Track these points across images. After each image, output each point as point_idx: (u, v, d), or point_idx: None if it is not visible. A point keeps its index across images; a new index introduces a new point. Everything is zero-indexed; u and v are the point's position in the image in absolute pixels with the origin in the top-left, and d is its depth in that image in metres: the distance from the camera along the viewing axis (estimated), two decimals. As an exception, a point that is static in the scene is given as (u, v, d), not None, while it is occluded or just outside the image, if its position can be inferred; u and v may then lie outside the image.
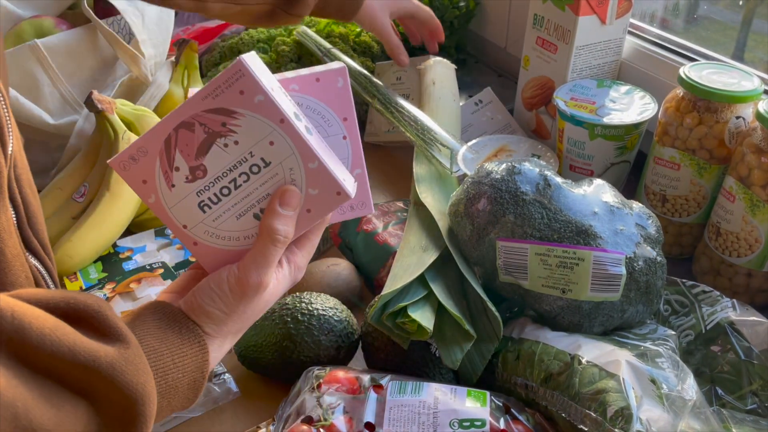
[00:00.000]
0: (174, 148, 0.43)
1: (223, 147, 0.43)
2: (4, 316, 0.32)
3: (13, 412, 0.31)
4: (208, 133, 0.42)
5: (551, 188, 0.63)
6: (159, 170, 0.43)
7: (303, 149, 0.44)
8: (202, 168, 0.43)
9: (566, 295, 0.61)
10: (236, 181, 0.44)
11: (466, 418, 0.54)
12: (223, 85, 0.41)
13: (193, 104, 0.42)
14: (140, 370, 0.37)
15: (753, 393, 0.60)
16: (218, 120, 0.42)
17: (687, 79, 0.73)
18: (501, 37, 1.17)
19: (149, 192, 0.44)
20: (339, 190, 0.45)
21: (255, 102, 0.42)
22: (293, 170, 0.44)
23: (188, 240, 0.46)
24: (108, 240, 0.81)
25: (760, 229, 0.69)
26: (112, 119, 0.84)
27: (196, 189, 0.44)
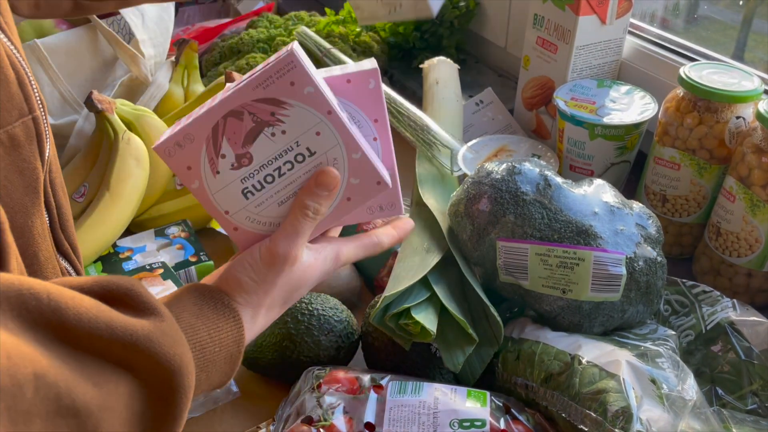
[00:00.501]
0: (221, 135, 0.43)
1: (270, 136, 0.43)
2: (41, 298, 0.32)
3: (56, 392, 0.31)
4: (257, 122, 0.43)
5: (551, 188, 0.63)
6: (205, 157, 0.44)
7: (348, 140, 0.44)
8: (248, 156, 0.44)
9: (566, 295, 0.61)
10: (281, 169, 0.45)
11: (466, 418, 0.54)
12: (274, 75, 0.42)
13: (244, 93, 0.42)
14: (177, 341, 0.38)
15: (753, 393, 0.60)
16: (267, 110, 0.43)
17: (687, 79, 0.73)
18: (501, 37, 1.17)
19: (193, 178, 0.44)
20: (379, 179, 0.46)
21: (304, 93, 0.42)
22: (337, 160, 0.45)
23: (229, 225, 0.46)
24: (108, 240, 0.81)
25: (761, 229, 0.69)
26: (112, 119, 0.84)
27: (240, 176, 0.44)
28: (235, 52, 1.15)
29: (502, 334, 0.62)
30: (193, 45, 1.06)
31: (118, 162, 0.82)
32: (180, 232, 0.86)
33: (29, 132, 0.43)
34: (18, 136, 0.42)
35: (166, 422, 0.38)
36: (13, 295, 0.31)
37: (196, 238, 0.85)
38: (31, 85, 0.44)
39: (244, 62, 1.09)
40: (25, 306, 0.31)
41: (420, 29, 1.19)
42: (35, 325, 0.32)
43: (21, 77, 0.42)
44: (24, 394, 0.29)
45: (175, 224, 0.87)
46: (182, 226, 0.87)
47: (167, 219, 0.89)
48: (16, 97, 0.42)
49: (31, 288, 0.32)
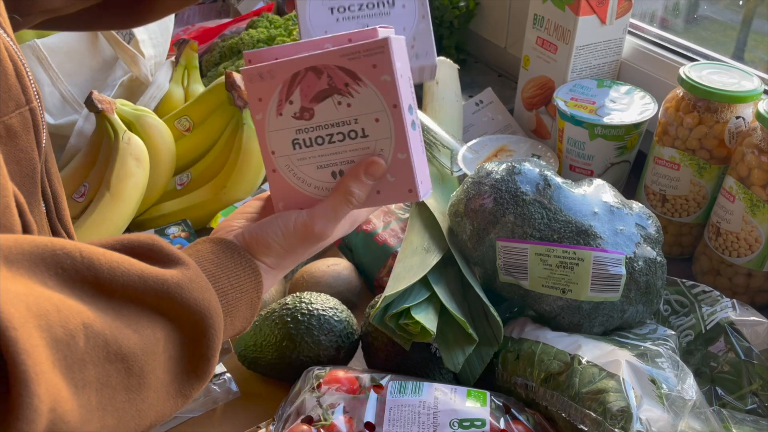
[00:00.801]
0: (297, 84, 0.46)
1: (336, 103, 0.46)
2: (74, 256, 0.34)
3: (104, 339, 0.33)
4: (330, 86, 0.46)
5: (551, 188, 0.63)
6: (277, 96, 0.47)
7: (400, 139, 0.46)
8: (311, 112, 0.47)
9: (566, 295, 0.61)
10: (333, 137, 0.47)
11: (466, 418, 0.54)
12: (362, 51, 0.44)
13: (331, 57, 0.45)
14: (203, 288, 0.41)
15: (753, 393, 0.60)
16: (344, 79, 0.45)
17: (687, 79, 0.73)
18: (501, 37, 1.17)
19: (259, 110, 0.48)
20: (412, 187, 0.48)
21: (381, 79, 0.45)
22: (383, 151, 0.47)
23: (270, 164, 0.49)
24: (108, 240, 0.81)
25: (760, 229, 0.69)
26: (112, 119, 0.84)
27: (297, 126, 0.47)
28: (235, 52, 1.15)
29: (502, 334, 0.62)
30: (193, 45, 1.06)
31: (118, 162, 0.82)
32: (180, 232, 0.86)
33: (26, 122, 0.44)
34: (15, 127, 0.43)
35: (200, 362, 0.40)
36: (48, 256, 0.33)
37: (196, 238, 0.85)
38: (28, 76, 0.44)
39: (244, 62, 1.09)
40: (61, 265, 0.33)
41: (420, 29, 1.19)
42: (73, 281, 0.34)
43: (18, 68, 0.43)
44: (77, 343, 0.32)
45: (175, 224, 0.87)
46: (182, 226, 0.87)
47: (167, 219, 0.89)
48: (13, 89, 0.42)
49: (63, 248, 0.34)
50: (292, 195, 0.49)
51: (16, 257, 0.32)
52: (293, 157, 0.48)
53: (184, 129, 0.95)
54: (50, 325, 0.30)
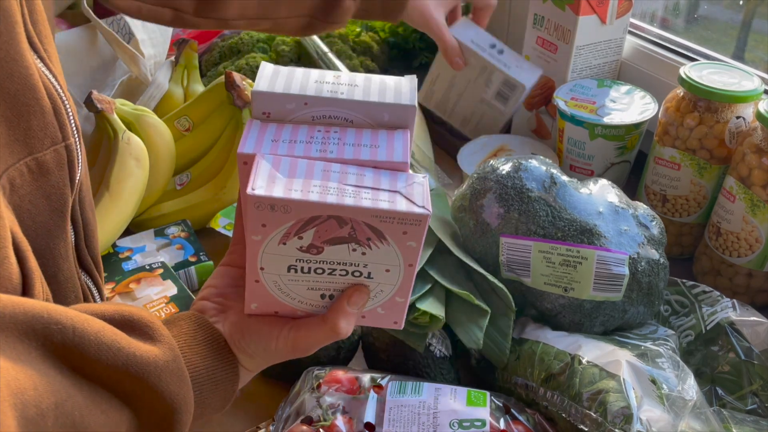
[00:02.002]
0: (314, 225, 0.42)
1: (351, 249, 0.43)
2: (65, 332, 0.34)
3: (71, 420, 0.34)
4: (350, 236, 0.42)
5: (557, 186, 0.63)
6: (285, 229, 0.42)
7: (404, 288, 0.45)
8: (320, 250, 0.43)
9: (568, 293, 0.61)
10: (335, 271, 0.44)
11: (466, 418, 0.54)
12: (397, 218, 0.41)
13: (362, 213, 0.41)
14: (183, 381, 0.40)
15: (753, 393, 0.60)
16: (367, 234, 0.42)
17: (687, 79, 0.73)
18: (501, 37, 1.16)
19: (259, 233, 0.43)
20: (398, 320, 0.48)
21: (406, 244, 0.43)
22: (382, 292, 0.46)
23: (254, 276, 0.45)
24: (108, 240, 0.81)
25: (761, 229, 0.69)
26: (112, 119, 0.84)
27: (299, 257, 0.44)
28: (234, 52, 1.15)
29: (512, 301, 0.61)
30: (192, 45, 1.06)
31: (118, 162, 0.82)
32: (180, 232, 0.86)
33: (60, 159, 0.44)
34: (48, 163, 0.43)
35: None
36: (40, 328, 0.33)
37: (196, 238, 0.85)
38: (67, 113, 0.45)
39: (244, 62, 1.09)
40: (50, 338, 0.34)
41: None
42: (57, 356, 0.34)
43: (57, 106, 0.43)
44: (46, 422, 0.32)
45: (175, 224, 0.87)
46: (182, 226, 0.87)
47: (167, 219, 0.89)
48: (50, 126, 0.43)
49: (58, 321, 0.34)
50: (269, 301, 0.46)
51: (7, 325, 0.32)
52: (284, 277, 0.45)
53: (183, 129, 0.94)
54: (25, 404, 0.31)
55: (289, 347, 0.46)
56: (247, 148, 0.43)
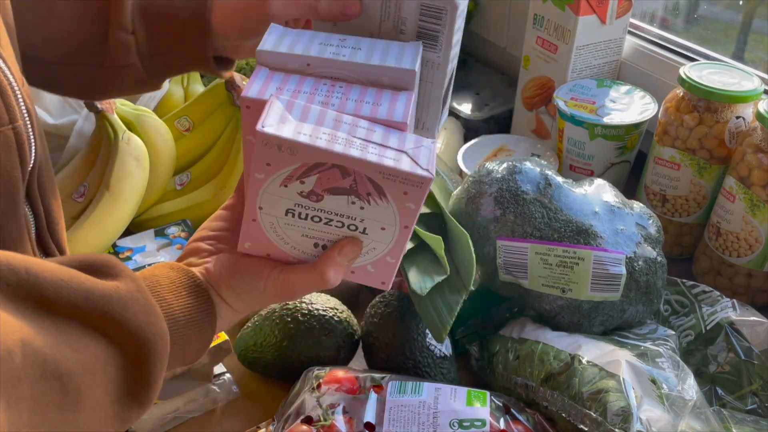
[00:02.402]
0: (317, 172, 0.42)
1: (350, 202, 0.43)
2: (19, 272, 0.34)
3: (41, 357, 0.33)
4: (351, 188, 0.42)
5: (552, 187, 0.63)
6: (288, 171, 0.42)
7: (396, 249, 0.45)
8: (320, 197, 0.43)
9: (566, 294, 0.61)
10: (331, 222, 0.44)
11: (466, 418, 0.54)
12: (400, 177, 0.41)
13: (366, 166, 0.41)
14: (151, 312, 0.40)
15: (753, 393, 0.60)
16: (368, 189, 0.42)
17: (687, 79, 0.73)
18: (501, 37, 1.17)
19: (262, 171, 0.43)
20: (386, 281, 0.48)
21: (405, 205, 0.42)
22: (375, 249, 0.46)
23: (251, 214, 0.45)
24: (108, 240, 0.81)
25: (761, 229, 0.69)
26: (112, 119, 0.84)
27: (299, 201, 0.44)
28: (234, 52, 1.15)
29: (470, 282, 0.61)
30: (192, 45, 1.06)
31: (118, 162, 0.82)
32: (180, 232, 0.86)
33: (8, 141, 0.43)
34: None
35: (141, 388, 0.39)
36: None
37: (196, 238, 0.85)
38: (15, 95, 0.44)
39: (244, 62, 1.09)
40: (5, 281, 0.33)
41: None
42: (16, 297, 0.34)
43: (3, 87, 0.43)
44: (13, 360, 0.31)
45: (175, 224, 0.87)
46: (182, 226, 0.87)
47: (167, 219, 0.89)
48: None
49: (9, 264, 0.34)
50: (263, 243, 0.46)
51: None
52: (281, 220, 0.45)
53: (183, 129, 0.95)
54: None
55: (278, 289, 0.45)
56: (252, 92, 0.44)
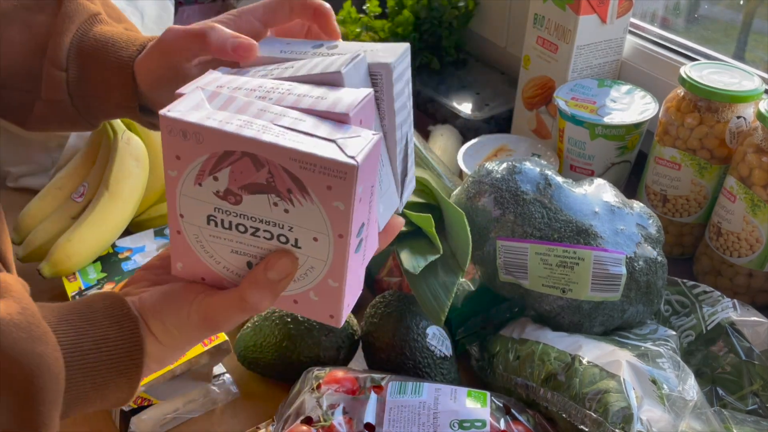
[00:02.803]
0: (228, 164, 0.37)
1: (272, 203, 0.37)
2: None
3: None
4: (269, 184, 0.37)
5: (552, 188, 0.63)
6: (199, 165, 0.38)
7: (337, 268, 0.38)
8: (239, 198, 0.38)
9: (566, 294, 0.61)
10: (258, 232, 0.38)
11: (466, 418, 0.54)
12: (319, 165, 0.35)
13: (279, 153, 0.35)
14: (38, 339, 0.35)
15: (754, 393, 0.60)
16: (288, 184, 0.36)
17: (688, 79, 0.73)
18: (501, 37, 1.16)
19: (175, 167, 0.38)
20: (334, 314, 0.40)
21: (333, 204, 0.36)
22: (313, 269, 0.39)
23: (175, 226, 0.40)
24: (107, 240, 0.81)
25: (761, 229, 0.69)
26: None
27: (217, 204, 0.38)
28: (234, 51, 1.15)
29: (466, 264, 0.60)
30: (192, 45, 1.06)
31: (118, 162, 0.82)
32: (179, 232, 0.86)
33: None
34: None
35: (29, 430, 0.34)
36: None
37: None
38: None
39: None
40: None
41: (419, 30, 1.19)
42: None
43: None
44: None
45: (175, 224, 0.87)
46: (182, 226, 0.86)
47: (166, 219, 0.89)
48: None
49: None
50: (194, 263, 0.41)
51: None
52: (205, 231, 0.39)
53: (183, 129, 0.94)
54: None
55: (201, 316, 0.40)
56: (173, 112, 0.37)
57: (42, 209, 0.82)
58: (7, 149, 0.94)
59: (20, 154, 0.95)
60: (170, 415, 0.64)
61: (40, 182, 0.93)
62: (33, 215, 0.81)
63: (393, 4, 1.20)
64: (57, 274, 0.76)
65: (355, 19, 1.19)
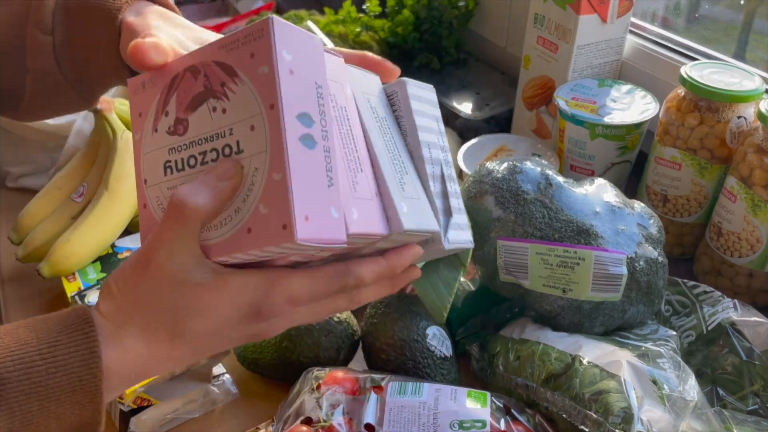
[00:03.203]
0: (174, 89, 0.38)
1: (211, 110, 0.37)
2: None
3: None
4: (206, 88, 0.37)
5: (553, 187, 0.63)
6: (155, 107, 0.38)
7: (276, 152, 0.35)
8: (185, 124, 0.38)
9: (567, 294, 0.61)
10: (205, 156, 0.37)
11: (466, 419, 0.54)
12: (241, 39, 0.36)
13: (208, 51, 0.37)
14: None
15: (754, 394, 0.60)
16: (220, 78, 0.36)
17: (688, 79, 0.73)
18: (501, 37, 1.16)
19: (138, 128, 0.39)
20: (286, 222, 0.34)
21: (258, 72, 0.35)
22: (257, 171, 0.36)
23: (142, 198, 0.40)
24: (107, 240, 0.81)
25: (762, 229, 0.69)
26: (111, 119, 0.84)
27: (170, 144, 0.38)
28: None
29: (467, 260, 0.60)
30: (192, 44, 1.06)
31: (117, 161, 0.82)
32: (179, 232, 0.85)
33: None
34: None
35: None
36: None
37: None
38: None
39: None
40: None
41: (419, 29, 1.19)
42: None
43: None
44: None
45: (175, 224, 0.87)
46: (181, 226, 0.86)
47: (166, 219, 0.89)
48: None
49: None
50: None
51: None
52: (163, 185, 0.38)
53: (183, 128, 0.94)
54: None
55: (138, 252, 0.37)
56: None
57: (41, 209, 0.82)
58: (7, 149, 0.94)
59: (20, 154, 0.95)
60: (170, 415, 0.64)
61: (39, 182, 0.93)
62: (32, 215, 0.81)
63: (393, 4, 1.20)
64: (56, 274, 0.76)
65: (355, 19, 1.19)
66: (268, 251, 0.36)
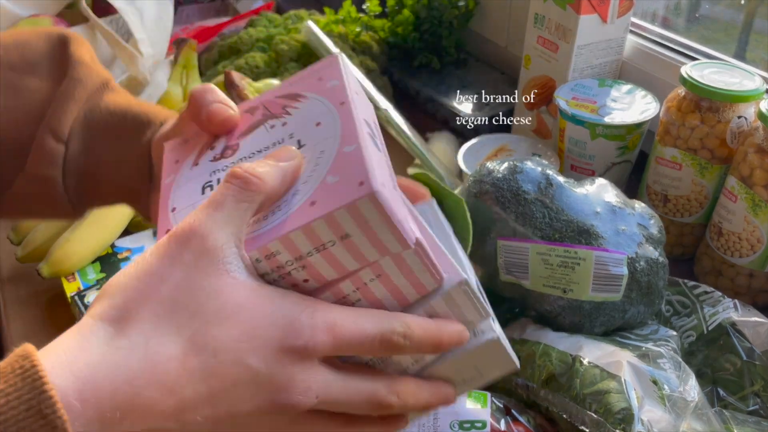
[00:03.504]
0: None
1: (268, 128, 0.36)
2: None
3: None
4: (264, 116, 0.37)
5: (553, 187, 0.63)
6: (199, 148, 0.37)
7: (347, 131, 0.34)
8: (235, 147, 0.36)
9: (567, 294, 0.61)
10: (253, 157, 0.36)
11: (466, 419, 0.53)
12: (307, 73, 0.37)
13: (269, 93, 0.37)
14: None
15: (755, 394, 0.60)
16: (281, 104, 0.37)
17: (689, 79, 0.73)
18: (501, 37, 1.16)
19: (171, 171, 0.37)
20: (363, 179, 0.32)
21: (327, 86, 0.36)
22: (324, 153, 0.34)
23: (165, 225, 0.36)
24: (106, 240, 0.81)
25: (762, 230, 0.69)
26: (111, 118, 0.83)
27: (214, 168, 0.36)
28: (234, 51, 1.15)
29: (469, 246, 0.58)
30: (192, 44, 1.06)
31: (117, 161, 0.82)
32: (179, 232, 0.85)
33: None
34: None
35: None
36: None
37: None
38: None
39: (243, 61, 1.08)
40: None
41: (419, 29, 1.19)
42: None
43: None
44: None
45: (174, 224, 0.87)
46: (181, 226, 0.86)
47: (166, 219, 0.89)
48: None
49: None
50: None
51: None
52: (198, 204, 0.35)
53: (183, 128, 0.94)
54: None
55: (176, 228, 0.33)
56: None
57: (41, 209, 0.82)
58: (6, 149, 0.94)
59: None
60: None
61: (39, 182, 0.92)
62: (32, 215, 0.81)
63: (393, 4, 1.20)
64: (56, 275, 0.76)
65: (355, 19, 1.19)
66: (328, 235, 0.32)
